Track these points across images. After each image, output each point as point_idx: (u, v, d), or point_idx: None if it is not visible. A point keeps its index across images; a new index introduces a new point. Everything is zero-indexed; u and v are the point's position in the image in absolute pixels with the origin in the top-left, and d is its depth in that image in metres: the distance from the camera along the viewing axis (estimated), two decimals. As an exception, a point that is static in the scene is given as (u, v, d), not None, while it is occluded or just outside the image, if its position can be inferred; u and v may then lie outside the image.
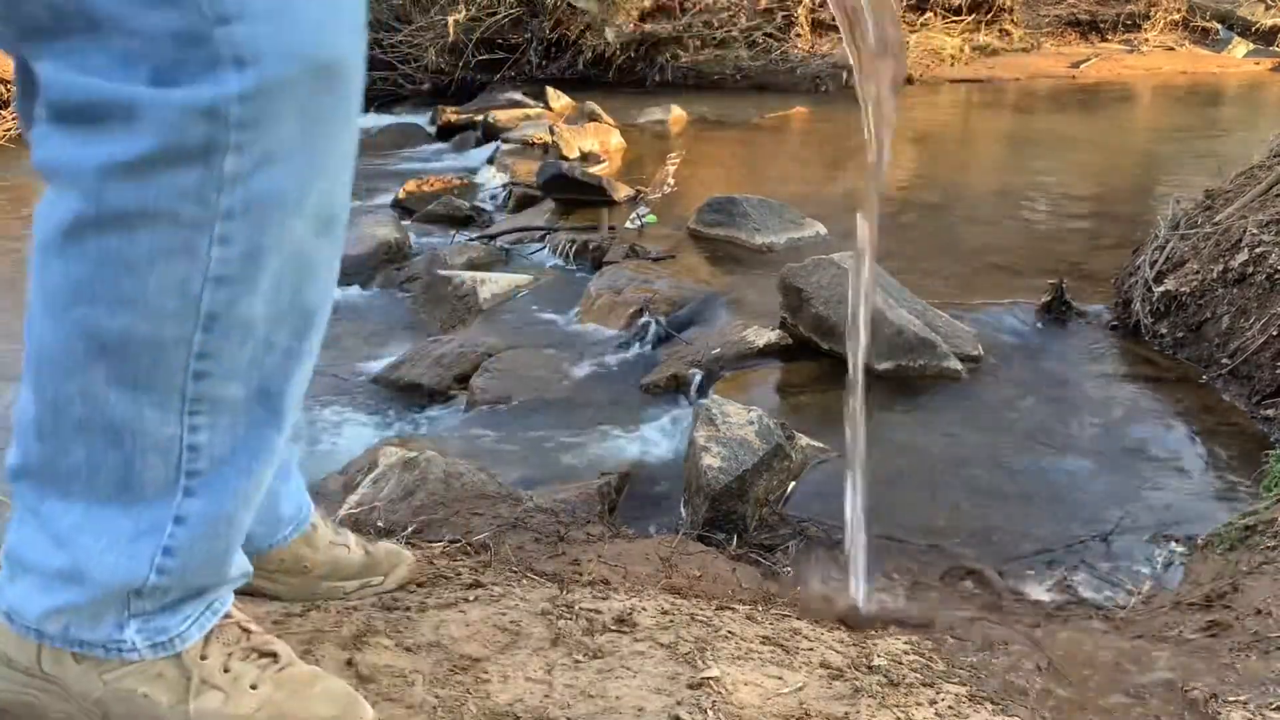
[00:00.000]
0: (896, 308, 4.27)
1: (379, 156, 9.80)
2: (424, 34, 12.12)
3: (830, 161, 8.63)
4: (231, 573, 1.35)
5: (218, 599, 1.38)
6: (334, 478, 3.87)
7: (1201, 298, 4.23)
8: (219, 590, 1.37)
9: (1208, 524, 3.03)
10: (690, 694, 1.64)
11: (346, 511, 2.74)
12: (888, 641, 2.08)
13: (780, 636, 2.00)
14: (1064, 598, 2.74)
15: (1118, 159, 8.62)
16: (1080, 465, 3.50)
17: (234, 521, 1.27)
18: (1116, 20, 14.20)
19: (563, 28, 12.38)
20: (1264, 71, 12.76)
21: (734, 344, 4.46)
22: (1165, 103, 11.52)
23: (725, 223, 6.09)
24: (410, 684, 1.58)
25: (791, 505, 3.21)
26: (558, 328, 5.24)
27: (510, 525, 2.62)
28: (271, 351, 1.20)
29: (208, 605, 1.36)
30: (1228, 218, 4.40)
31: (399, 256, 6.51)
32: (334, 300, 1.35)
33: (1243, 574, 2.48)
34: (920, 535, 3.06)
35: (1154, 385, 4.05)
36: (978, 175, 8.11)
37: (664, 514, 3.34)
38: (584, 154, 8.39)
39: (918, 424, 3.80)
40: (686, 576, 2.43)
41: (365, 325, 5.66)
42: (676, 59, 12.46)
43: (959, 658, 2.04)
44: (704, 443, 3.17)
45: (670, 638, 1.87)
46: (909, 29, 13.00)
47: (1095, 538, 3.04)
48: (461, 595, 1.93)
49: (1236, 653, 2.08)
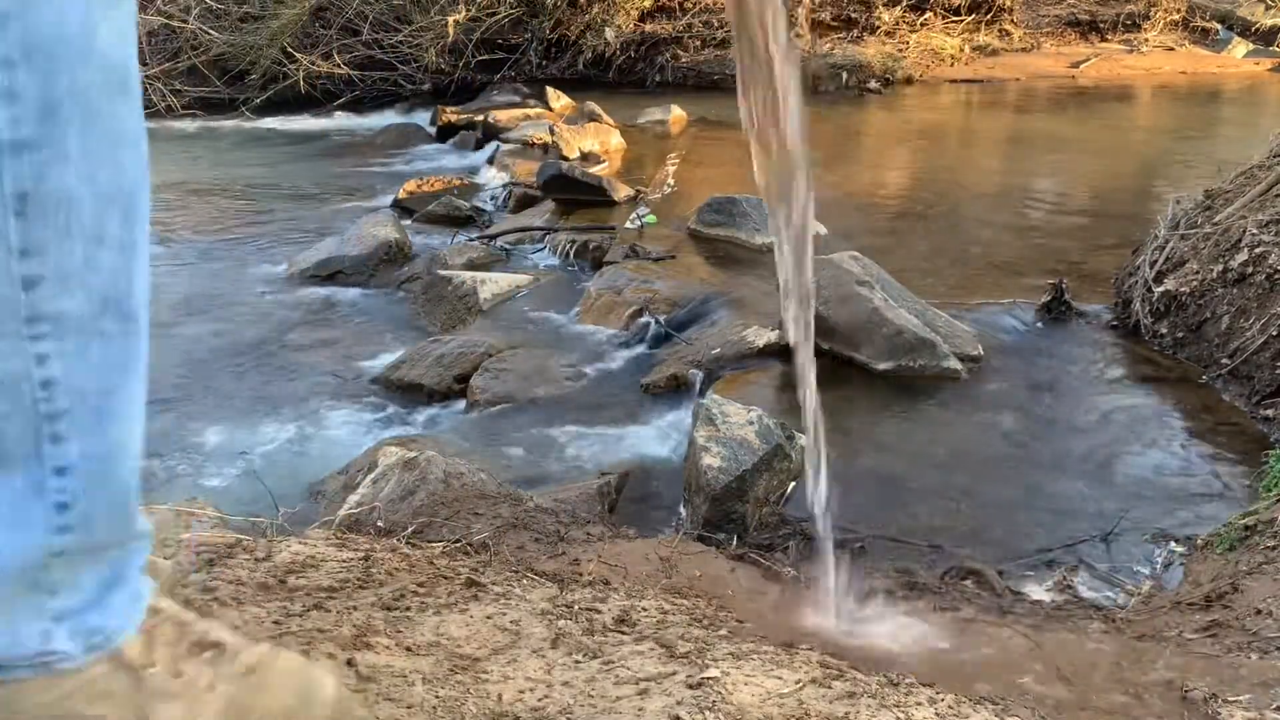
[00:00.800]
0: (896, 308, 4.27)
1: (379, 156, 9.80)
2: (424, 34, 12.13)
3: (830, 161, 8.63)
4: (139, 525, 1.18)
5: (136, 579, 1.19)
6: (334, 478, 3.88)
7: (1201, 298, 4.23)
8: (131, 551, 1.18)
9: (1208, 524, 3.04)
10: (690, 694, 1.64)
11: (346, 511, 2.74)
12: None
13: (779, 636, 2.01)
14: (1064, 598, 2.74)
15: (1117, 159, 8.62)
16: (1080, 465, 3.51)
17: (122, 456, 1.11)
18: (1116, 20, 14.21)
19: (563, 28, 12.39)
20: (1264, 71, 12.77)
21: (734, 344, 4.46)
22: (1165, 103, 11.53)
23: (725, 223, 6.09)
24: (410, 684, 1.58)
25: (791, 505, 3.21)
26: (558, 328, 5.25)
27: (510, 525, 2.62)
28: (105, 246, 1.04)
29: (131, 592, 1.17)
30: (1227, 218, 4.40)
31: (399, 256, 6.52)
32: (334, 299, 1.33)
33: (1243, 574, 2.48)
34: (920, 535, 3.06)
35: (1154, 385, 4.05)
36: (978, 175, 8.11)
37: (664, 514, 3.34)
38: (584, 154, 8.40)
39: (917, 424, 3.80)
40: (687, 576, 2.43)
41: (365, 325, 5.66)
42: (676, 59, 12.47)
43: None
44: (704, 443, 3.17)
45: (670, 637, 1.87)
46: (909, 29, 13.01)
47: (1095, 538, 3.04)
48: (461, 595, 1.93)
49: (1236, 653, 2.08)
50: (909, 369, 4.08)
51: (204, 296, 6.10)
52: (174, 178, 8.96)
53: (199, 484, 3.99)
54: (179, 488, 3.91)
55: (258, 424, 4.51)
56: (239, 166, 9.45)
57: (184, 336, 5.52)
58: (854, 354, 4.16)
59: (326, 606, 1.78)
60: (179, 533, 2.26)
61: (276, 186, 8.82)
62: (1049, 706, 1.87)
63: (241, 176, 9.09)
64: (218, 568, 1.98)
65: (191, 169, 9.31)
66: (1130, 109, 11.30)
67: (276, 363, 5.18)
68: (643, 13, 12.46)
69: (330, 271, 6.31)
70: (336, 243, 6.57)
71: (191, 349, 5.36)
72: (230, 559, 2.03)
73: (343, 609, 1.79)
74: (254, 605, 1.77)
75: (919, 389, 4.02)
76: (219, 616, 1.72)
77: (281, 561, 2.06)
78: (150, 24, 12.03)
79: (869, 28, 12.99)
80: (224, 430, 4.46)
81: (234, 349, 5.35)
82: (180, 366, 5.14)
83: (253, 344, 5.42)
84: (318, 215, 7.81)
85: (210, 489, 3.85)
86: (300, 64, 11.72)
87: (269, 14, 12.32)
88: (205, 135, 10.89)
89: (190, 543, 2.10)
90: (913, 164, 8.55)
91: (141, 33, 11.96)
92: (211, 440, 4.39)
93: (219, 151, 10.15)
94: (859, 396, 4.01)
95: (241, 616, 1.75)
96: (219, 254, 6.95)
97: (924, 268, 5.38)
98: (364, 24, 12.03)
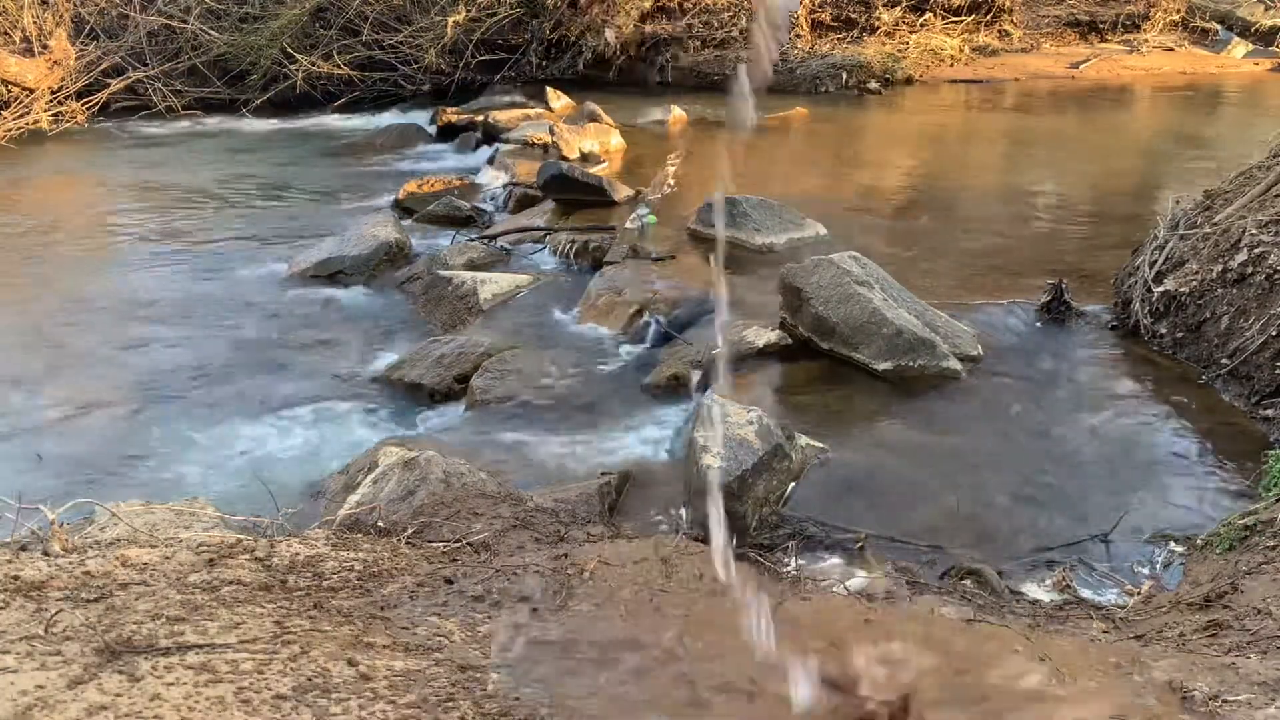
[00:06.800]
0: (896, 308, 4.27)
1: (379, 157, 9.80)
2: (424, 34, 12.12)
3: (830, 161, 8.63)
4: None
5: None
6: (334, 478, 3.88)
7: (1201, 298, 4.24)
8: None
9: (1208, 524, 3.04)
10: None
11: (347, 511, 2.74)
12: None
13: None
14: (1064, 598, 2.74)
15: (1117, 159, 8.62)
16: (1079, 465, 3.51)
17: None
18: (1116, 20, 14.20)
19: (563, 28, 12.39)
20: (1263, 72, 12.77)
21: (734, 344, 4.47)
22: (1164, 103, 11.53)
23: (726, 223, 6.08)
24: (410, 684, 1.58)
25: (791, 505, 3.21)
26: (558, 328, 5.24)
27: (510, 525, 2.62)
28: None
29: None
30: (1227, 218, 4.40)
31: (399, 257, 6.52)
32: (335, 299, 1.33)
33: (1242, 574, 2.48)
34: (920, 535, 3.06)
35: (1154, 385, 4.05)
36: (978, 175, 8.11)
37: (664, 514, 3.34)
38: (584, 154, 8.40)
39: (917, 424, 3.80)
40: (686, 576, 2.43)
41: (365, 325, 5.66)
42: (676, 59, 12.46)
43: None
44: (704, 443, 3.17)
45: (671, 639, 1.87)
46: (909, 30, 13.01)
47: (1095, 538, 3.04)
48: (460, 595, 1.93)
49: (1236, 653, 2.08)
50: (909, 369, 4.08)
51: (204, 296, 6.10)
52: (174, 178, 8.96)
53: (199, 484, 3.99)
54: (179, 488, 3.91)
55: (258, 424, 4.51)
56: (239, 167, 9.45)
57: (185, 337, 5.52)
58: (854, 354, 4.16)
59: (326, 607, 1.78)
60: (179, 532, 2.26)
61: (277, 187, 8.82)
62: (1049, 706, 1.87)
63: (242, 177, 9.09)
64: (218, 568, 1.98)
65: (192, 169, 9.30)
66: (1130, 109, 11.29)
67: (277, 363, 5.18)
68: (643, 13, 12.45)
69: (331, 271, 6.30)
70: (337, 243, 6.57)
71: (192, 349, 5.36)
72: (230, 559, 2.03)
73: (342, 610, 1.79)
74: (254, 605, 1.77)
75: (919, 389, 4.02)
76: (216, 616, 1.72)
77: (281, 561, 2.06)
78: (150, 24, 12.03)
79: (869, 28, 12.99)
80: (224, 430, 4.46)
81: (234, 349, 5.35)
82: (181, 366, 5.14)
83: (253, 344, 5.42)
84: (318, 215, 7.81)
85: (210, 489, 3.85)
86: (300, 64, 11.72)
87: (269, 14, 12.31)
88: (205, 135, 10.89)
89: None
90: (913, 164, 8.55)
91: (142, 33, 11.97)
92: (212, 440, 4.39)
93: (219, 152, 10.15)
94: (859, 396, 4.01)
95: (242, 616, 1.75)
96: (219, 254, 6.95)
97: (924, 268, 5.38)
98: (364, 24, 12.03)
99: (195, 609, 1.82)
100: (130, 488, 3.78)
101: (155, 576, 1.93)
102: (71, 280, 6.44)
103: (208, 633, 1.76)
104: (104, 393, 4.84)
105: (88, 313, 5.90)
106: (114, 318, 5.83)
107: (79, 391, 4.85)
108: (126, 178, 9.00)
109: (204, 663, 1.68)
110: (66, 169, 9.62)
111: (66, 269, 6.68)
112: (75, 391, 4.85)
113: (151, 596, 1.87)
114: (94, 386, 4.91)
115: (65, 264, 6.80)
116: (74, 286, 6.31)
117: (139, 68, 11.72)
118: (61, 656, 1.68)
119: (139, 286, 6.33)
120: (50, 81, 10.87)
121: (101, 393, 4.84)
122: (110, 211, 8.13)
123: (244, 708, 1.58)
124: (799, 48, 12.46)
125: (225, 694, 1.61)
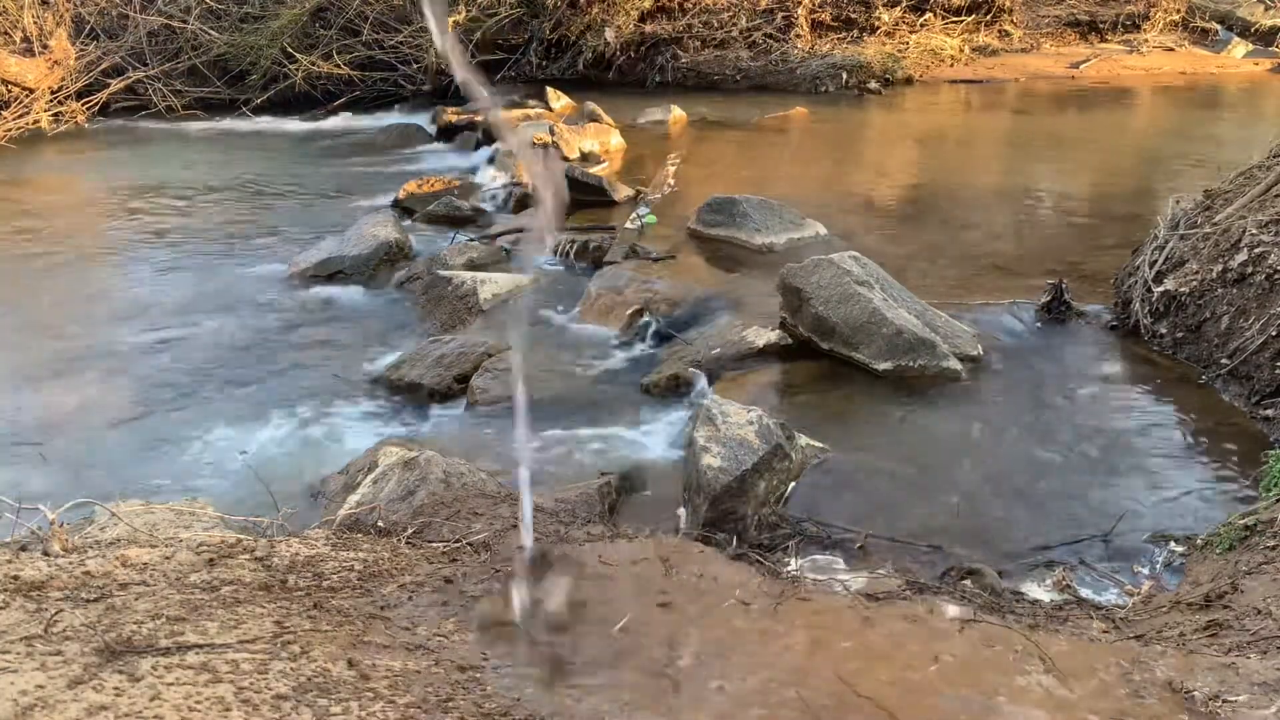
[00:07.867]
0: (896, 308, 4.27)
1: (379, 157, 9.80)
2: (424, 34, 12.11)
3: (830, 162, 8.62)
4: None
5: None
6: (334, 478, 3.88)
7: (1201, 298, 4.24)
8: None
9: (1208, 524, 3.04)
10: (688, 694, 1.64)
11: (347, 511, 2.73)
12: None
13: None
14: (1064, 598, 2.74)
15: (1117, 159, 8.62)
16: (1080, 465, 3.51)
17: None
18: (1116, 21, 14.19)
19: (563, 28, 12.39)
20: (1263, 72, 12.76)
21: (734, 344, 4.46)
22: (1164, 103, 11.52)
23: (725, 223, 6.09)
24: (410, 684, 1.58)
25: (791, 505, 3.21)
26: (558, 328, 5.25)
27: (510, 525, 2.62)
28: None
29: None
30: (1227, 218, 4.40)
31: (399, 257, 6.52)
32: (335, 299, 1.33)
33: (1242, 574, 2.48)
34: (920, 535, 3.06)
35: (1154, 385, 4.05)
36: (978, 175, 8.11)
37: (664, 514, 3.34)
38: (584, 154, 8.40)
39: (917, 424, 3.80)
40: (687, 576, 2.43)
41: (365, 325, 5.66)
42: (676, 59, 12.46)
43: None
44: (704, 443, 3.17)
45: (670, 639, 1.87)
46: (909, 30, 13.01)
47: (1095, 538, 3.04)
48: (460, 595, 1.93)
49: (1236, 653, 2.08)
50: (909, 369, 4.08)
51: (205, 296, 6.10)
52: (175, 178, 8.96)
53: (199, 484, 3.99)
54: (179, 488, 3.91)
55: (258, 424, 4.51)
56: (239, 167, 9.44)
57: (185, 336, 5.52)
58: (854, 354, 4.16)
59: (327, 607, 1.78)
60: (179, 532, 2.26)
61: (277, 187, 8.82)
62: (1049, 706, 1.87)
63: (242, 177, 9.09)
64: (218, 568, 1.98)
65: (192, 169, 9.30)
66: (1130, 109, 11.29)
67: (277, 363, 5.18)
68: (643, 13, 12.44)
69: (331, 271, 6.30)
70: (337, 243, 6.57)
71: (192, 349, 5.36)
72: (230, 559, 2.03)
73: (342, 610, 1.79)
74: (254, 605, 1.77)
75: (919, 389, 4.02)
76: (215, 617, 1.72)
77: (281, 561, 2.06)
78: (150, 24, 12.02)
79: (869, 28, 12.98)
80: (224, 430, 4.46)
81: (235, 349, 5.35)
82: (181, 366, 5.14)
83: (253, 344, 5.42)
84: (318, 215, 7.81)
85: (210, 489, 3.85)
86: (300, 64, 11.71)
87: (269, 14, 12.30)
88: (205, 135, 10.88)
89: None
90: (912, 164, 8.55)
91: (142, 33, 11.96)
92: (212, 440, 4.39)
93: (219, 152, 10.14)
94: (859, 396, 4.01)
95: (242, 616, 1.75)
96: (220, 254, 6.95)
97: (924, 268, 5.38)
98: (364, 24, 12.02)
99: (195, 609, 1.82)
100: (130, 488, 3.78)
101: (155, 576, 1.93)
102: (71, 280, 6.44)
103: (208, 633, 1.76)
104: (104, 393, 4.84)
105: (87, 313, 5.90)
106: (113, 317, 5.83)
107: (79, 391, 4.85)
108: (126, 178, 9.00)
109: (204, 663, 1.68)
110: (66, 169, 9.62)
111: (66, 269, 6.68)
112: (75, 391, 4.85)
113: (151, 596, 1.87)
114: (94, 386, 4.92)
115: (65, 264, 6.80)
116: (74, 286, 6.32)
117: (139, 68, 11.71)
118: (61, 656, 1.68)
119: (138, 286, 6.33)
120: (50, 81, 10.87)
121: (101, 393, 4.84)
122: (110, 211, 8.13)
123: (244, 708, 1.58)
124: (799, 48, 12.45)
125: (225, 694, 1.61)
